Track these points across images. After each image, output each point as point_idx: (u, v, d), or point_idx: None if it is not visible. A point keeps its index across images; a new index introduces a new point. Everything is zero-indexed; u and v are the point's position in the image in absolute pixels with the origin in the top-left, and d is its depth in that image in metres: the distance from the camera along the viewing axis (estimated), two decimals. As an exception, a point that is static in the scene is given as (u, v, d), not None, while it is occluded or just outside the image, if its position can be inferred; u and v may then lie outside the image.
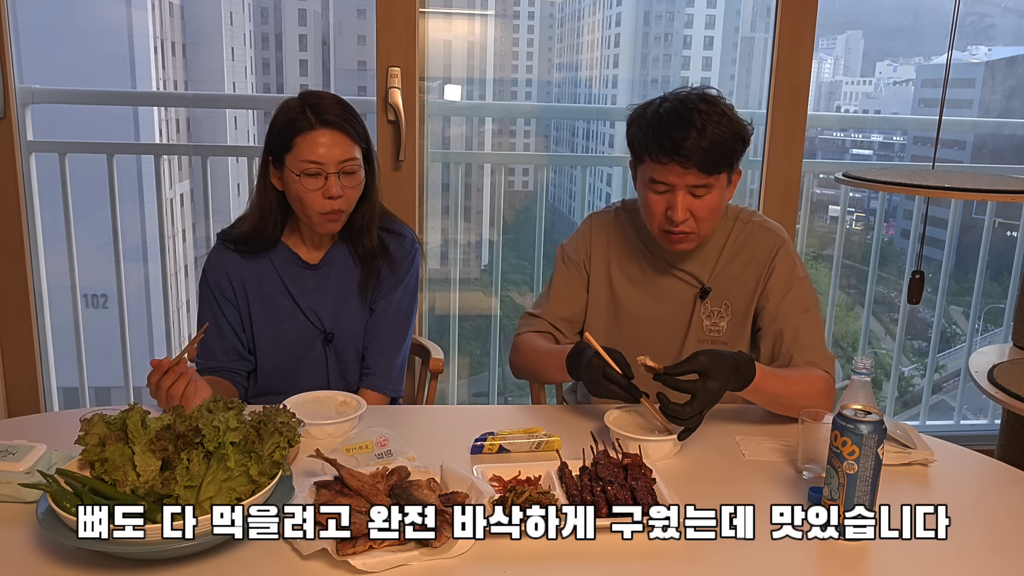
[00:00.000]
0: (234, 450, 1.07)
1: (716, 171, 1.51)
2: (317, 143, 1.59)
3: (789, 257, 1.65)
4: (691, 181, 1.51)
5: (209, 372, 1.69)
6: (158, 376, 1.40)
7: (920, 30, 6.81)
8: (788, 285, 1.63)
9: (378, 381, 1.75)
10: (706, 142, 1.47)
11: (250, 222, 1.71)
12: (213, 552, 1.07)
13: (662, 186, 1.53)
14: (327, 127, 1.60)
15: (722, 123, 1.49)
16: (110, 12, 6.36)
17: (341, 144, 1.60)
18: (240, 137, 5.70)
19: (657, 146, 1.50)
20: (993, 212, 3.02)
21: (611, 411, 1.45)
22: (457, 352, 2.99)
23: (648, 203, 1.57)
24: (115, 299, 2.72)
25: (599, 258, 1.74)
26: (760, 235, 1.67)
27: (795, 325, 1.59)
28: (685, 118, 1.48)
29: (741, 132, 1.53)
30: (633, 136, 1.57)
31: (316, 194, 1.60)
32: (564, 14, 5.32)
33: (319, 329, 1.74)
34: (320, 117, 1.60)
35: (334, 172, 1.60)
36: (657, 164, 1.51)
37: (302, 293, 1.73)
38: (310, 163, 1.59)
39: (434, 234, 2.89)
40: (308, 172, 1.59)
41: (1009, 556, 1.15)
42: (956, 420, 3.26)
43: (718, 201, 1.55)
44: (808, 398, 1.48)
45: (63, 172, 2.60)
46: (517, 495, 1.15)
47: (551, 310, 1.76)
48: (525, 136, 4.31)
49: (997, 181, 2.10)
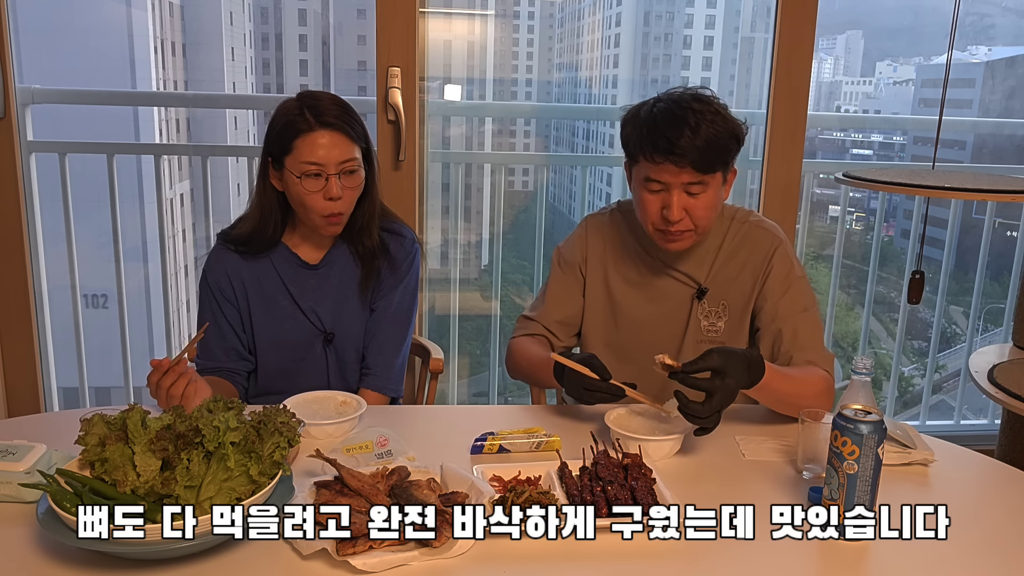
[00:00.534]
0: (234, 450, 1.07)
1: (711, 169, 1.51)
2: (317, 144, 1.58)
3: (787, 257, 1.65)
4: (686, 180, 1.51)
5: (209, 372, 1.69)
6: (158, 376, 1.40)
7: (920, 30, 6.81)
8: (786, 285, 1.63)
9: (378, 381, 1.75)
10: (700, 140, 1.47)
11: (250, 223, 1.71)
12: (213, 552, 1.07)
13: (657, 185, 1.53)
14: (326, 128, 1.59)
15: (716, 121, 1.49)
16: (110, 12, 6.36)
17: (341, 145, 1.60)
18: (240, 137, 5.70)
19: (651, 145, 1.50)
20: (993, 212, 3.02)
21: (611, 411, 1.45)
22: (457, 352, 2.99)
23: (643, 203, 1.56)
24: (115, 299, 2.72)
25: (595, 260, 1.74)
26: (757, 235, 1.67)
27: (794, 325, 1.59)
28: (679, 117, 1.49)
29: (735, 131, 1.53)
30: (627, 136, 1.57)
31: (317, 196, 1.60)
32: (564, 14, 5.32)
33: (319, 329, 1.74)
34: (319, 118, 1.59)
35: (334, 173, 1.60)
36: (651, 163, 1.52)
37: (302, 293, 1.73)
38: (310, 164, 1.58)
39: (434, 234, 2.89)
40: (308, 173, 1.59)
41: (1009, 556, 1.15)
42: (956, 420, 3.26)
43: (714, 200, 1.55)
44: (809, 397, 1.48)
45: (63, 172, 2.60)
46: (517, 495, 1.15)
47: (546, 313, 1.76)
48: (525, 136, 4.31)
49: (997, 181, 2.10)
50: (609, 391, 1.42)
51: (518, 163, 3.80)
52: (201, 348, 1.73)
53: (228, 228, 1.76)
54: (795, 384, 1.50)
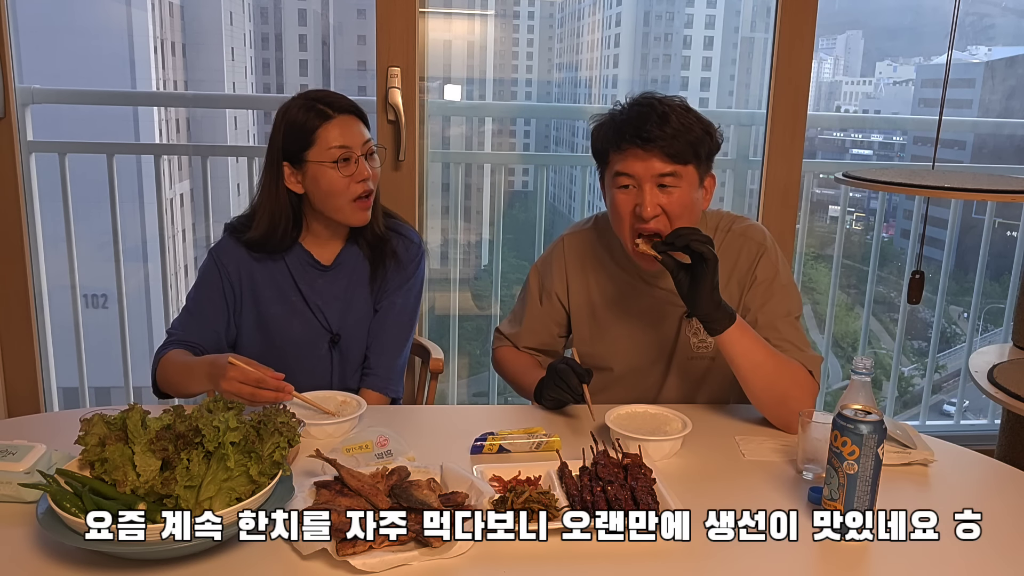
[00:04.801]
0: (234, 450, 1.07)
1: (681, 159, 1.47)
2: (341, 129, 1.63)
3: (771, 265, 1.60)
4: (656, 169, 1.46)
5: (183, 345, 1.67)
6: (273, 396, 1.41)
7: (920, 30, 6.81)
8: (769, 294, 1.59)
9: (379, 382, 1.75)
10: (668, 128, 1.45)
11: (261, 229, 1.70)
12: (213, 552, 1.07)
13: (627, 179, 1.48)
14: (344, 113, 1.64)
15: (684, 115, 1.47)
16: (110, 12, 6.35)
17: (359, 127, 1.66)
18: (240, 137, 5.70)
19: (617, 134, 1.48)
20: (993, 212, 3.02)
21: (611, 411, 1.45)
22: (457, 352, 2.99)
23: (616, 206, 1.51)
24: (115, 299, 2.72)
25: (577, 282, 1.71)
26: (740, 245, 1.62)
27: (776, 328, 1.55)
28: (646, 107, 1.48)
29: (706, 126, 1.50)
30: (596, 138, 1.55)
31: (348, 180, 1.63)
32: (564, 14, 5.32)
33: (326, 329, 1.74)
34: (334, 107, 1.64)
35: (361, 154, 1.64)
36: (618, 153, 1.49)
37: (312, 292, 1.72)
38: (340, 148, 1.62)
39: (434, 234, 2.89)
40: (340, 158, 1.62)
41: (1009, 556, 1.15)
42: (956, 420, 3.26)
43: (689, 199, 1.49)
44: (786, 378, 1.47)
45: (63, 172, 2.60)
46: (517, 495, 1.15)
47: (522, 338, 1.77)
48: (525, 136, 4.31)
49: (997, 181, 2.10)
50: (572, 395, 1.51)
51: (518, 163, 3.79)
52: (180, 321, 1.71)
53: (236, 223, 1.74)
54: (771, 355, 1.46)
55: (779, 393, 1.46)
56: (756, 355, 1.45)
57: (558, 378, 1.50)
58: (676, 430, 1.41)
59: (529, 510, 1.12)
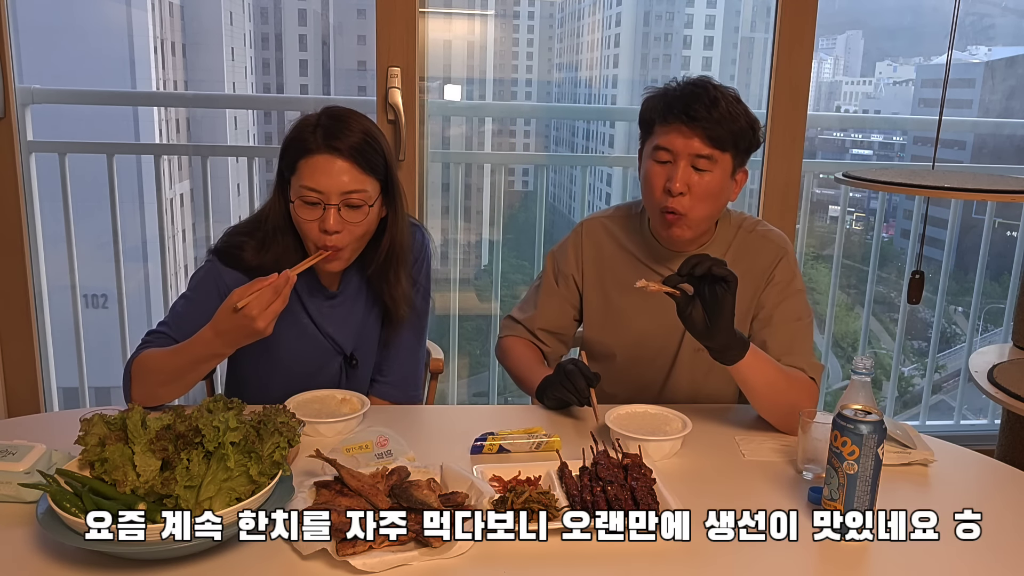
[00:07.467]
0: (234, 450, 1.07)
1: (720, 145, 1.51)
2: (318, 169, 1.42)
3: (789, 269, 1.63)
4: (695, 149, 1.51)
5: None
6: (274, 298, 1.28)
7: (920, 30, 6.81)
8: (783, 295, 1.61)
9: (386, 389, 1.70)
10: (716, 112, 1.49)
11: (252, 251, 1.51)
12: (213, 552, 1.07)
13: (665, 154, 1.53)
14: (333, 153, 1.43)
15: (734, 105, 1.52)
16: (110, 12, 6.35)
17: (348, 173, 1.43)
18: (240, 137, 5.70)
19: (666, 107, 1.53)
20: (993, 212, 3.02)
21: (611, 411, 1.45)
22: (457, 352, 2.99)
23: (649, 176, 1.56)
24: (115, 299, 2.72)
25: (591, 267, 1.73)
26: (761, 245, 1.65)
27: (785, 331, 1.58)
28: (700, 88, 1.52)
29: (752, 121, 1.54)
30: (645, 107, 1.58)
31: (313, 225, 1.45)
32: (564, 14, 5.32)
33: (337, 351, 1.65)
34: (329, 141, 1.43)
35: (335, 204, 1.43)
36: (664, 126, 1.53)
37: (322, 318, 1.62)
38: (309, 191, 1.43)
39: (434, 234, 2.86)
40: (307, 200, 1.43)
41: (1009, 556, 1.15)
42: (956, 420, 3.26)
43: (718, 185, 1.54)
44: (794, 391, 1.48)
45: (63, 172, 2.60)
46: (517, 495, 1.15)
47: (536, 320, 1.76)
48: (525, 136, 4.31)
49: (997, 181, 2.10)
50: (576, 397, 1.50)
51: (518, 163, 3.80)
52: (166, 326, 1.53)
53: (224, 246, 1.54)
54: (780, 374, 1.47)
55: (787, 404, 1.46)
56: (768, 375, 1.45)
57: (565, 379, 1.50)
58: (676, 430, 1.41)
59: (529, 510, 1.12)
